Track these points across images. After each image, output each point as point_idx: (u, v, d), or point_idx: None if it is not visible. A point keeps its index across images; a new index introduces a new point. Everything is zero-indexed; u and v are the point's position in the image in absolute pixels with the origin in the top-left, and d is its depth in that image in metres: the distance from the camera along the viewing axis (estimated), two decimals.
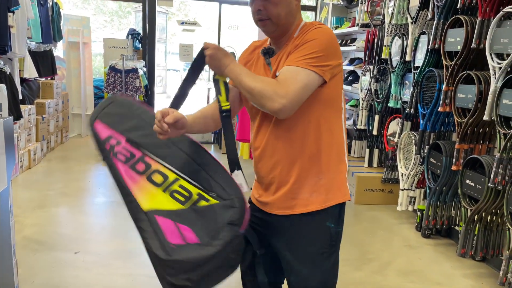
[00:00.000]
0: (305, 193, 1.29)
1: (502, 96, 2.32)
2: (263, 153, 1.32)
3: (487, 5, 2.52)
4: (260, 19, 1.27)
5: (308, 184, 1.29)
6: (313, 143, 1.27)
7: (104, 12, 16.73)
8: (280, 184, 1.30)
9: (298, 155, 1.27)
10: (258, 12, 1.26)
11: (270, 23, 1.27)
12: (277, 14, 1.25)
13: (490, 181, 2.36)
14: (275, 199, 1.32)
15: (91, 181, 4.20)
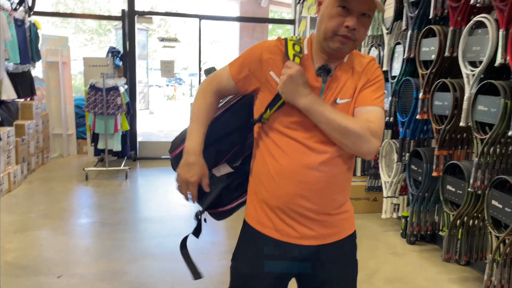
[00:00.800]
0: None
1: (477, 102, 2.38)
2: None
3: (458, 14, 2.60)
4: (346, 37, 1.14)
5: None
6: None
7: (84, 30, 16.68)
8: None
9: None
10: (350, 31, 1.13)
11: (352, 44, 1.17)
12: (364, 37, 1.20)
13: (470, 186, 2.41)
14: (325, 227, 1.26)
15: (73, 201, 4.13)
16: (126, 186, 4.68)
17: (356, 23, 1.13)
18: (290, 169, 1.21)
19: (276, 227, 1.25)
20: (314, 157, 1.19)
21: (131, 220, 3.63)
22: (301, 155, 1.20)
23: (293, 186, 1.21)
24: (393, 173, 3.38)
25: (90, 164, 5.37)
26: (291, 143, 1.21)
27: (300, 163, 1.20)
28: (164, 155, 6.00)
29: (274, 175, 1.23)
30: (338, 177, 1.23)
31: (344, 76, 1.22)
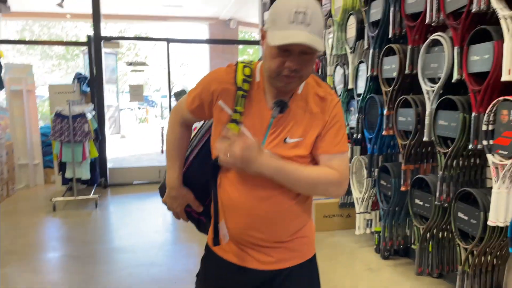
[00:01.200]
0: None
1: (438, 117, 2.45)
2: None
3: (415, 33, 2.69)
4: (289, 76, 1.11)
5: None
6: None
7: (51, 56, 16.41)
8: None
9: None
10: (292, 71, 1.10)
11: (298, 81, 1.15)
12: (309, 73, 1.17)
13: (436, 199, 2.46)
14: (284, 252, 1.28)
15: (40, 235, 3.97)
16: (96, 215, 4.55)
17: (298, 62, 1.10)
18: (240, 202, 1.21)
19: (235, 253, 1.26)
20: (263, 192, 1.19)
21: (101, 252, 3.51)
22: (250, 188, 1.20)
23: (243, 218, 1.22)
24: (364, 188, 3.41)
25: (58, 194, 5.20)
26: (241, 177, 1.21)
27: (249, 196, 1.20)
28: (135, 180, 5.88)
29: (226, 207, 1.25)
30: (290, 207, 1.23)
31: (296, 112, 1.19)
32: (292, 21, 1.06)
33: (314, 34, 1.07)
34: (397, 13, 2.85)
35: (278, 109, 1.16)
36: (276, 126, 1.19)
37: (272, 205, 1.20)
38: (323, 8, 4.03)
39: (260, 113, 1.19)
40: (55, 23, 15.44)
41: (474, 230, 2.20)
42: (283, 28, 1.07)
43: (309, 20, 1.07)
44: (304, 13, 1.06)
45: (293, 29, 1.06)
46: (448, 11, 2.36)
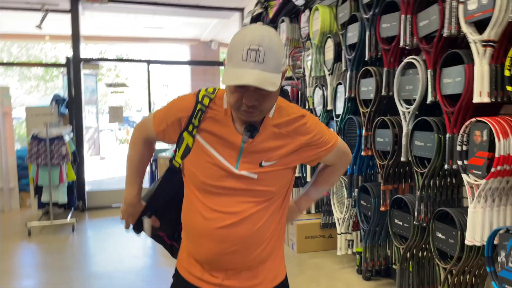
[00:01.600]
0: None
1: (414, 138, 2.50)
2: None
3: (390, 56, 2.76)
4: (248, 111, 1.11)
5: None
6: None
7: (29, 77, 16.19)
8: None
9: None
10: (251, 107, 1.10)
11: (260, 114, 1.14)
12: (271, 106, 1.16)
13: (415, 219, 2.48)
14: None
15: (15, 261, 3.83)
16: (73, 240, 4.43)
17: (255, 98, 1.08)
18: (209, 229, 1.21)
19: (203, 278, 1.26)
20: (236, 215, 1.20)
21: (77, 279, 3.40)
22: (222, 213, 1.20)
23: (214, 244, 1.21)
24: (344, 209, 3.42)
25: (34, 218, 5.05)
26: (212, 202, 1.22)
27: (216, 224, 1.20)
28: (114, 203, 5.77)
29: (198, 233, 1.25)
30: (260, 229, 1.22)
31: (268, 136, 1.20)
32: (244, 59, 1.05)
33: (267, 72, 1.05)
34: (372, 36, 2.92)
35: (248, 134, 1.16)
36: (248, 150, 1.19)
37: (247, 226, 1.20)
38: (302, 31, 4.11)
39: (230, 139, 1.19)
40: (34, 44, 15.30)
41: (452, 250, 2.21)
42: (236, 66, 1.06)
43: (262, 58, 1.04)
44: (257, 50, 1.04)
45: (245, 67, 1.04)
46: (421, 35, 2.44)
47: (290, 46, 4.40)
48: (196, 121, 1.21)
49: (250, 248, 1.22)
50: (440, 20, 2.25)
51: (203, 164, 1.20)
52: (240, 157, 1.19)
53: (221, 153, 1.20)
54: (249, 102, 1.09)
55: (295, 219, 1.23)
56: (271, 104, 1.15)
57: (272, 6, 4.69)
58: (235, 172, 1.19)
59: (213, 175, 1.19)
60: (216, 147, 1.20)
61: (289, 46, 4.40)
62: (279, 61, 1.09)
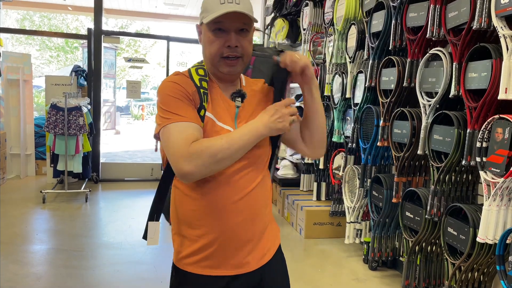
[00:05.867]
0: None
1: (433, 131, 2.46)
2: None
3: (415, 47, 2.71)
4: (231, 57, 1.15)
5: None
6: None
7: (50, 47, 16.32)
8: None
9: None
10: (233, 49, 1.14)
11: (242, 62, 1.18)
12: (250, 52, 1.20)
13: (427, 213, 2.46)
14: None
15: (28, 226, 3.94)
16: (86, 209, 4.52)
17: (236, 39, 1.14)
18: (225, 204, 1.20)
19: (227, 264, 1.22)
20: (244, 189, 1.21)
21: (88, 246, 3.49)
22: (232, 188, 1.20)
23: (231, 218, 1.20)
24: (355, 198, 3.42)
25: (49, 186, 5.17)
26: (218, 182, 1.19)
27: (231, 198, 1.19)
28: (127, 177, 5.86)
29: (211, 212, 1.19)
30: (264, 196, 1.28)
31: (254, 100, 1.27)
32: (222, 3, 1.12)
33: (247, 11, 1.13)
34: (398, 25, 2.86)
35: (240, 99, 1.23)
36: (241, 115, 1.24)
37: (260, 193, 1.24)
38: (325, 16, 4.05)
39: (225, 106, 1.22)
40: (56, 14, 15.38)
41: (463, 246, 2.20)
42: (215, 9, 1.12)
43: (238, 0, 1.13)
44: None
45: (224, 7, 1.11)
46: (448, 27, 2.38)
47: (312, 31, 4.34)
48: (206, 104, 1.17)
49: (259, 215, 1.25)
50: (470, 12, 2.19)
51: (207, 135, 1.15)
52: (236, 122, 1.23)
53: (222, 121, 1.21)
54: (233, 43, 1.14)
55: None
56: (249, 51, 1.20)
57: None
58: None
59: None
60: (217, 115, 1.20)
61: (311, 31, 4.34)
62: (251, 7, 1.17)
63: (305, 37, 4.45)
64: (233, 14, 1.11)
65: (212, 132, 1.17)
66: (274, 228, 1.36)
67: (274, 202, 4.98)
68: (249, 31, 1.17)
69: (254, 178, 1.22)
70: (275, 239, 1.35)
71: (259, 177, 1.24)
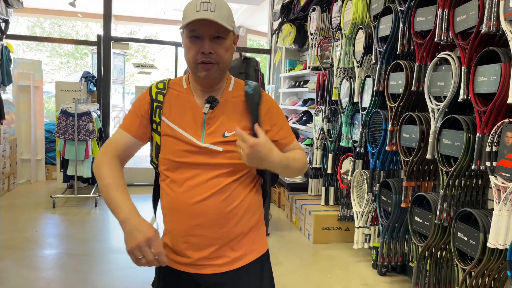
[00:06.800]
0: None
1: (442, 136, 2.45)
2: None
3: (423, 51, 2.70)
4: (205, 62, 1.19)
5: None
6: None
7: (60, 54, 16.52)
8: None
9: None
10: (207, 56, 1.18)
11: (217, 68, 1.21)
12: (226, 59, 1.23)
13: (436, 218, 2.44)
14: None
15: (38, 231, 3.97)
16: (95, 214, 4.55)
17: (210, 46, 1.17)
18: (183, 204, 1.24)
19: (177, 260, 1.28)
20: (215, 188, 1.23)
21: (98, 251, 3.51)
22: (201, 185, 1.23)
23: (189, 219, 1.23)
24: (364, 203, 3.40)
25: (59, 191, 5.22)
26: (177, 183, 1.26)
27: (189, 200, 1.23)
28: (136, 181, 5.89)
29: (171, 210, 1.28)
30: (242, 201, 1.27)
31: (227, 107, 1.28)
32: (198, 10, 1.15)
33: (220, 19, 1.15)
34: (406, 29, 2.86)
35: (209, 105, 1.24)
36: (211, 122, 1.26)
37: (226, 200, 1.24)
38: (333, 21, 4.06)
39: (193, 113, 1.26)
40: (66, 21, 15.56)
41: (473, 251, 2.18)
42: (190, 17, 1.16)
43: (214, 8, 1.15)
44: (208, 2, 1.15)
45: (197, 14, 1.14)
46: (457, 31, 2.37)
47: (319, 35, 4.35)
48: (157, 118, 1.27)
49: (222, 222, 1.24)
50: (479, 16, 2.18)
51: (171, 144, 1.25)
52: (204, 129, 1.25)
53: (186, 129, 1.25)
54: (206, 49, 1.17)
55: (261, 158, 1.14)
56: (226, 58, 1.22)
57: None
58: (200, 145, 1.23)
59: (180, 151, 1.24)
60: (181, 124, 1.26)
61: (318, 36, 4.35)
62: (229, 13, 1.20)
63: (313, 42, 4.46)
64: (206, 21, 1.14)
65: (174, 139, 1.25)
66: (257, 239, 1.33)
67: (282, 207, 4.97)
68: (225, 39, 1.19)
69: (219, 184, 1.23)
70: (253, 250, 1.31)
71: (230, 184, 1.24)
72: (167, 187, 1.28)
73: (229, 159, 1.24)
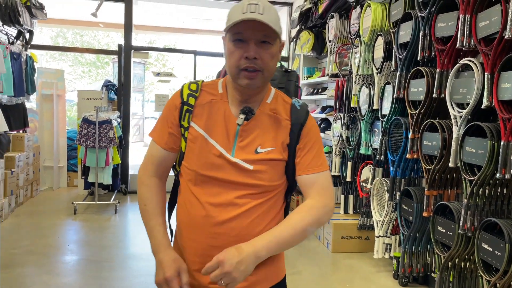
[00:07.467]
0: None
1: (465, 143, 2.40)
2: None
3: (444, 57, 2.66)
4: (248, 69, 1.08)
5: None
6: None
7: (82, 63, 16.89)
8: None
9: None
10: (251, 61, 1.07)
11: (261, 76, 1.10)
12: (272, 68, 1.12)
13: (460, 228, 2.38)
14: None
15: (60, 237, 4.04)
16: (115, 220, 4.60)
17: (256, 51, 1.07)
18: (203, 224, 1.15)
19: (193, 278, 1.19)
20: (230, 207, 1.14)
21: (118, 257, 3.54)
22: (213, 211, 1.14)
23: (207, 239, 1.15)
24: (384, 212, 3.35)
25: (80, 198, 5.30)
26: (200, 200, 1.16)
27: (210, 220, 1.14)
28: None
29: (189, 227, 1.18)
30: (255, 226, 1.15)
31: (264, 120, 1.17)
32: (244, 12, 1.06)
33: (269, 21, 1.06)
34: (426, 36, 2.82)
35: (244, 116, 1.13)
36: (244, 135, 1.16)
37: (251, 223, 1.14)
38: (351, 28, 4.04)
39: (226, 123, 1.16)
40: (88, 31, 15.92)
41: (498, 262, 2.12)
42: (235, 18, 1.06)
43: (262, 10, 1.06)
44: (256, 4, 1.06)
45: (244, 16, 1.05)
46: (479, 37, 2.33)
47: (338, 42, 4.33)
48: (185, 122, 1.18)
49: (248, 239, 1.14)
50: (502, 22, 2.14)
51: (198, 153, 1.16)
52: (235, 142, 1.15)
53: (216, 139, 1.16)
54: (251, 54, 1.06)
55: (245, 269, 1.03)
56: (271, 65, 1.11)
57: (322, 1, 4.63)
58: (230, 159, 1.14)
59: (207, 163, 1.14)
60: (211, 133, 1.16)
61: (337, 43, 4.34)
62: (277, 17, 1.10)
63: (331, 49, 4.44)
64: (253, 24, 1.05)
65: (204, 149, 1.15)
66: (277, 264, 1.24)
67: None
68: (271, 44, 1.09)
69: (245, 205, 1.14)
70: (271, 276, 1.22)
71: (257, 206, 1.15)
72: (188, 202, 1.19)
73: (259, 180, 1.15)
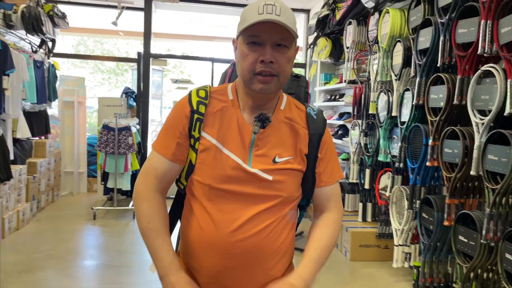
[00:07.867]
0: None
1: (487, 151, 2.34)
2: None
3: (465, 63, 2.61)
4: (264, 73, 1.02)
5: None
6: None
7: (102, 70, 17.21)
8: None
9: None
10: (267, 65, 1.01)
11: (277, 81, 1.04)
12: (287, 72, 1.06)
13: (483, 238, 2.33)
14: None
15: (80, 242, 4.10)
16: (133, 226, 4.65)
17: (272, 55, 1.01)
18: (217, 241, 1.07)
19: None
20: (247, 224, 1.07)
21: (136, 263, 3.58)
22: (228, 228, 1.07)
23: (221, 258, 1.07)
24: (404, 220, 3.29)
25: (99, 203, 5.38)
26: (213, 216, 1.09)
27: (226, 238, 1.06)
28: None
29: (201, 246, 1.10)
30: (272, 242, 1.09)
31: (281, 127, 1.11)
32: (260, 13, 1.00)
33: (286, 22, 1.00)
34: (447, 42, 2.78)
35: (260, 124, 1.06)
36: (260, 143, 1.09)
37: (269, 238, 1.07)
38: (369, 34, 4.01)
39: (240, 131, 1.09)
40: (108, 39, 16.23)
41: None
42: (251, 20, 1.00)
43: (279, 11, 1.00)
44: (273, 5, 1.00)
45: (261, 17, 1.00)
46: (501, 43, 2.28)
47: (356, 49, 4.31)
48: (196, 133, 1.09)
49: (262, 263, 1.09)
50: None
51: (211, 165, 1.07)
52: (251, 151, 1.08)
53: (231, 149, 1.08)
54: (267, 58, 1.00)
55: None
56: (287, 70, 1.05)
57: (339, 8, 4.62)
58: (248, 169, 1.06)
59: (223, 176, 1.06)
60: (225, 143, 1.08)
61: (354, 49, 4.31)
62: (295, 22, 1.04)
63: (349, 55, 4.42)
64: (270, 26, 0.99)
65: (218, 161, 1.07)
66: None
67: None
68: (288, 48, 1.03)
69: (266, 220, 1.07)
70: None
71: (276, 221, 1.09)
72: (202, 219, 1.09)
73: (278, 191, 1.08)
